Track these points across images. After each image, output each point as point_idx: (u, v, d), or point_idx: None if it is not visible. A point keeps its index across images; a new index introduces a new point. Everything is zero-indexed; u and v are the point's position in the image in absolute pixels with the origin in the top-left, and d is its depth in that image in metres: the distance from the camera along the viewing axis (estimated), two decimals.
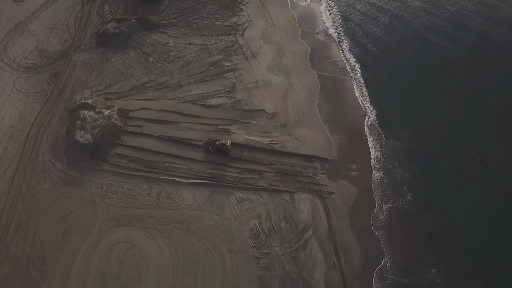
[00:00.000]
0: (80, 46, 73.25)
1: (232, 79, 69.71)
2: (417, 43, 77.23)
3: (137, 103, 65.84)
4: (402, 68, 73.15)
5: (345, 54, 75.02)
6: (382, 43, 77.21)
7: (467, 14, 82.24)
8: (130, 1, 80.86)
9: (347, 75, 71.90)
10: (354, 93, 69.18)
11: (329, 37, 77.87)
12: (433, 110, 67.55)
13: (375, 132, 64.41)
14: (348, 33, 79.01)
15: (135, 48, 73.54)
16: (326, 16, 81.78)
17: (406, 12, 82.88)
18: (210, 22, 78.14)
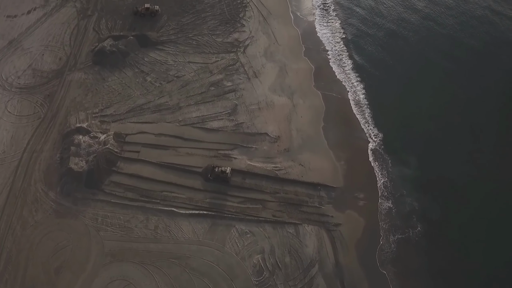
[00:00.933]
0: (76, 65, 70.41)
1: (233, 100, 66.93)
2: (422, 62, 74.55)
3: (134, 127, 63.05)
4: (408, 89, 70.36)
5: (350, 73, 72.14)
6: (386, 62, 74.66)
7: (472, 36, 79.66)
8: (127, 16, 77.94)
9: (353, 95, 69.20)
10: (360, 115, 66.42)
11: (334, 55, 75.06)
12: (441, 133, 64.83)
13: (381, 157, 61.63)
14: (354, 50, 76.05)
15: (132, 66, 70.71)
16: (330, 33, 78.99)
17: (409, 30, 79.98)
18: (211, 39, 75.31)
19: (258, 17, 79.84)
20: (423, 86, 70.76)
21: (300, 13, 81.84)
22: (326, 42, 77.12)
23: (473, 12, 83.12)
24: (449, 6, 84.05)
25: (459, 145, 63.31)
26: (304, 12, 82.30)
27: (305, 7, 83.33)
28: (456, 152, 62.76)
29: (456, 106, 67.79)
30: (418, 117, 66.51)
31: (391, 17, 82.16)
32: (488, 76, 72.02)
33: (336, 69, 72.81)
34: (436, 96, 69.21)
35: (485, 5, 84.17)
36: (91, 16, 77.91)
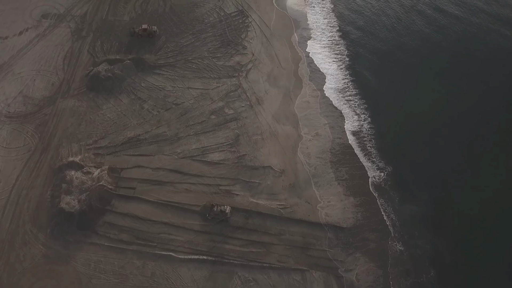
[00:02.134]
0: (69, 91, 66.78)
1: (235, 129, 63.36)
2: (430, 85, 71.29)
3: (130, 160, 59.47)
4: (415, 118, 66.70)
5: (353, 100, 68.61)
6: (391, 85, 71.04)
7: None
8: (124, 37, 74.19)
9: (356, 126, 65.62)
10: (363, 149, 62.79)
11: (338, 79, 71.47)
12: (450, 165, 61.32)
13: (389, 194, 57.96)
14: (358, 73, 72.54)
15: (129, 93, 67.07)
16: (335, 55, 75.36)
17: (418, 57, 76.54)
18: (211, 62, 71.67)
19: (261, 38, 76.24)
20: (431, 113, 67.37)
21: (305, 34, 78.26)
22: (332, 66, 73.41)
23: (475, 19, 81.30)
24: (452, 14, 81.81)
25: (469, 174, 59.98)
26: (310, 33, 78.67)
27: (310, 27, 79.70)
28: (466, 182, 59.37)
29: (464, 133, 64.44)
30: (424, 150, 63.01)
31: (402, 42, 78.47)
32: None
33: (344, 95, 69.18)
34: (445, 124, 65.77)
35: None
36: (85, 37, 74.12)
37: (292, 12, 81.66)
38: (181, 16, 78.47)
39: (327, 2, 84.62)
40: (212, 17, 78.27)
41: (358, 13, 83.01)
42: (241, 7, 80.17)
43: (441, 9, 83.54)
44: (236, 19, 78.27)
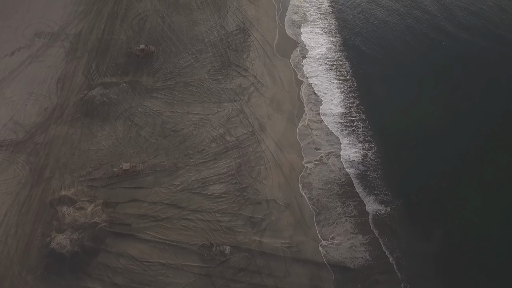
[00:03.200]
0: (62, 117, 63.55)
1: (237, 158, 60.12)
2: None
3: (126, 193, 56.25)
4: (423, 147, 63.53)
5: (360, 126, 65.22)
6: (399, 109, 67.14)
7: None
8: (120, 57, 71.06)
9: (366, 153, 62.40)
10: (373, 180, 59.63)
11: (342, 103, 68.19)
12: (463, 197, 58.11)
13: (394, 231, 54.52)
14: (363, 96, 69.07)
15: (125, 119, 63.80)
16: (339, 77, 71.99)
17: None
18: (211, 85, 68.42)
19: (263, 59, 73.04)
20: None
21: (309, 54, 74.94)
22: (339, 90, 70.11)
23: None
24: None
25: (485, 206, 56.81)
26: (314, 53, 75.30)
27: (314, 47, 76.33)
28: (481, 214, 56.22)
29: (477, 162, 61.24)
30: (433, 180, 59.77)
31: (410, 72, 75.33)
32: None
33: (344, 122, 65.75)
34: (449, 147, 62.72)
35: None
36: (80, 58, 70.83)
37: (295, 30, 78.53)
38: (180, 34, 75.42)
39: (331, 20, 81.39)
40: (213, 35, 75.05)
41: (363, 33, 79.58)
42: (243, 24, 77.01)
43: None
44: (238, 38, 75.26)
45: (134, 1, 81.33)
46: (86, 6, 79.58)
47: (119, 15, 78.24)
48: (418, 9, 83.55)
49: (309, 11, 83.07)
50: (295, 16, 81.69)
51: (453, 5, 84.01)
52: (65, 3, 79.81)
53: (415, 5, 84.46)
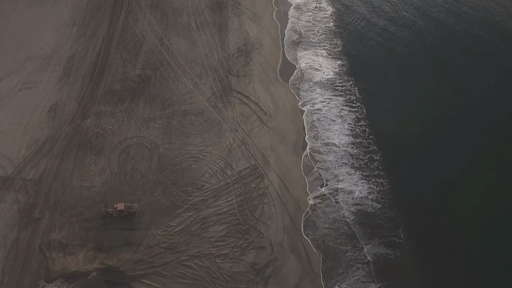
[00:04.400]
0: (53, 150, 59.72)
1: (239, 196, 56.39)
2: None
3: (120, 235, 52.42)
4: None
5: (375, 166, 61.57)
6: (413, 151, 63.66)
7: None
8: (116, 83, 67.48)
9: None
10: (390, 220, 56.08)
11: (354, 133, 64.58)
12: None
13: (405, 277, 50.94)
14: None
15: (120, 152, 59.86)
16: (351, 104, 68.39)
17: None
18: (212, 114, 64.82)
19: (266, 84, 69.47)
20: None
21: (317, 79, 71.51)
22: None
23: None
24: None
25: None
26: (322, 78, 71.76)
27: (323, 72, 72.77)
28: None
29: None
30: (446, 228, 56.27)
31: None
32: None
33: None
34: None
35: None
36: (73, 83, 67.15)
37: (300, 53, 74.83)
38: (179, 58, 71.94)
39: (338, 42, 77.67)
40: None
41: (370, 55, 76.01)
42: (244, 47, 73.18)
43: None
44: (239, 61, 71.60)
45: (131, 21, 77.91)
46: (80, 27, 76.21)
47: (114, 37, 74.77)
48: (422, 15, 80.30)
49: (314, 32, 79.56)
50: (299, 37, 78.21)
51: (463, 31, 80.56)
52: (58, 24, 76.47)
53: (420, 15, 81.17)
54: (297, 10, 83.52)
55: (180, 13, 79.85)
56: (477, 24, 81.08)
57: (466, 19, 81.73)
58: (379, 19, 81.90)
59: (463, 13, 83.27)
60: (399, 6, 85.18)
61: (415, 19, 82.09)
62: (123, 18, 78.34)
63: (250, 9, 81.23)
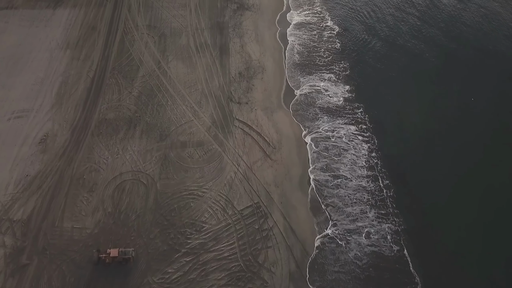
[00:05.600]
0: (43, 186, 56.29)
1: (241, 239, 52.54)
2: None
3: (113, 285, 48.74)
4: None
5: (389, 203, 57.86)
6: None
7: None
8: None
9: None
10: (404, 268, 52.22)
11: (366, 166, 60.82)
12: None
13: None
14: None
15: (114, 188, 56.29)
16: (360, 133, 64.64)
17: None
18: (212, 146, 60.98)
19: (269, 111, 65.79)
20: None
21: (324, 104, 67.73)
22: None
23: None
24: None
25: None
26: (329, 103, 67.94)
27: (330, 98, 68.93)
28: None
29: None
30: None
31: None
32: None
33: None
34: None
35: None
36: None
37: (305, 78, 71.10)
38: (177, 83, 68.37)
39: (345, 64, 73.84)
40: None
41: (379, 79, 72.27)
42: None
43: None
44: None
45: (127, 43, 74.35)
46: (74, 49, 73.13)
47: (110, 60, 71.25)
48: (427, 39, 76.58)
49: (320, 53, 75.87)
50: (304, 59, 74.54)
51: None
52: (51, 46, 73.36)
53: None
54: (301, 29, 79.82)
55: (178, 33, 76.29)
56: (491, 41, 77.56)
57: (478, 39, 78.04)
58: (389, 40, 78.16)
59: (476, 35, 79.61)
60: (413, 26, 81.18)
61: (431, 39, 78.34)
62: (119, 39, 74.81)
63: (252, 29, 77.64)
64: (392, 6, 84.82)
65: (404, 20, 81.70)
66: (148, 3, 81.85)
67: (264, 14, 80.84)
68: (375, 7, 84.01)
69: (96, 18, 78.43)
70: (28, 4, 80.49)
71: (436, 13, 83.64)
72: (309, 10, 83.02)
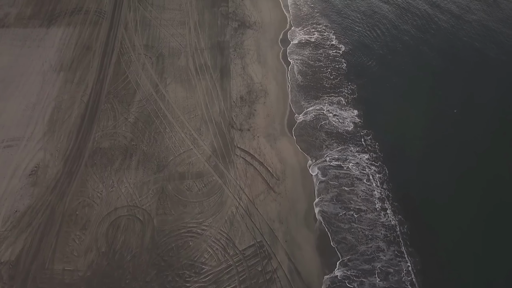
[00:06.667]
0: (32, 223, 53.01)
1: (242, 283, 49.31)
2: None
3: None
4: None
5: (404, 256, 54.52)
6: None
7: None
8: (104, 141, 60.34)
9: None
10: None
11: (377, 203, 57.48)
12: None
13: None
14: None
15: (109, 225, 53.02)
16: (372, 163, 61.33)
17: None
18: (212, 177, 57.71)
19: (272, 139, 62.40)
20: None
21: (332, 130, 64.38)
22: None
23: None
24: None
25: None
26: (338, 130, 64.58)
27: (339, 124, 65.49)
28: None
29: None
30: None
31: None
32: None
33: None
34: None
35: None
36: (58, 143, 60.17)
37: (310, 102, 67.78)
38: (176, 108, 65.09)
39: (353, 87, 70.39)
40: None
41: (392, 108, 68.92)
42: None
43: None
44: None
45: (123, 64, 71.11)
46: (68, 71, 69.54)
47: (105, 83, 67.97)
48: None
49: (326, 74, 72.33)
50: (309, 82, 71.00)
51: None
52: (44, 68, 69.82)
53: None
54: (305, 49, 76.43)
55: (177, 54, 73.01)
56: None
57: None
58: (397, 60, 74.70)
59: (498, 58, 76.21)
60: (423, 46, 77.74)
61: (440, 63, 74.91)
62: (115, 60, 71.54)
63: (254, 49, 74.32)
64: (401, 25, 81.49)
65: (414, 40, 78.38)
66: (146, 21, 78.59)
67: (266, 32, 77.51)
68: (383, 26, 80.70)
69: (92, 37, 75.11)
70: (20, 23, 77.25)
71: (447, 35, 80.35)
72: (313, 28, 79.70)
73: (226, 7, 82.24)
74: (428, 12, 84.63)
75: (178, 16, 79.49)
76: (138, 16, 79.29)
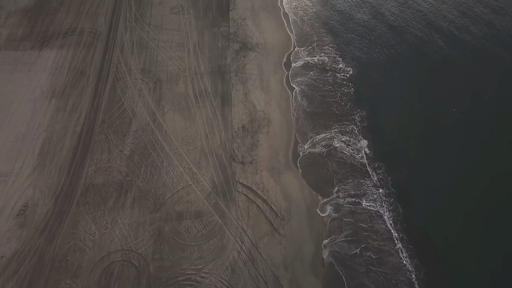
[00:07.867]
0: (19, 270, 49.33)
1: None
2: None
3: None
4: None
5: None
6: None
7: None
8: (98, 177, 56.77)
9: None
10: None
11: (391, 245, 53.68)
12: None
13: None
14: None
15: (102, 271, 49.39)
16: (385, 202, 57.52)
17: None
18: (212, 218, 54.00)
19: (276, 174, 58.62)
20: None
21: (340, 163, 60.51)
22: None
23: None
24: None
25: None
26: (347, 162, 60.63)
27: (349, 159, 61.51)
28: None
29: None
30: None
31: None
32: None
33: None
34: None
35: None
36: (48, 175, 56.51)
37: (317, 133, 63.60)
38: (174, 139, 61.42)
39: (362, 112, 66.37)
40: (214, 139, 60.20)
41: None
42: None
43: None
44: (245, 143, 60.82)
45: (119, 90, 67.41)
46: (60, 98, 65.88)
47: (99, 112, 64.29)
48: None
49: (334, 100, 68.31)
50: (315, 109, 67.00)
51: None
52: (35, 94, 66.16)
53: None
54: (310, 72, 72.54)
55: (175, 79, 69.27)
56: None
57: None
58: (408, 84, 70.77)
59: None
60: (435, 68, 73.81)
61: (450, 87, 71.14)
62: (110, 86, 67.85)
63: (256, 73, 70.53)
64: (407, 46, 77.57)
65: (424, 62, 74.41)
66: (143, 42, 74.89)
67: (269, 55, 73.69)
68: (391, 47, 76.80)
69: (86, 60, 71.45)
70: (11, 45, 73.64)
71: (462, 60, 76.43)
72: (318, 49, 75.78)
73: (227, 27, 78.51)
74: (431, 24, 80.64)
75: (176, 37, 75.77)
76: (135, 37, 75.58)
